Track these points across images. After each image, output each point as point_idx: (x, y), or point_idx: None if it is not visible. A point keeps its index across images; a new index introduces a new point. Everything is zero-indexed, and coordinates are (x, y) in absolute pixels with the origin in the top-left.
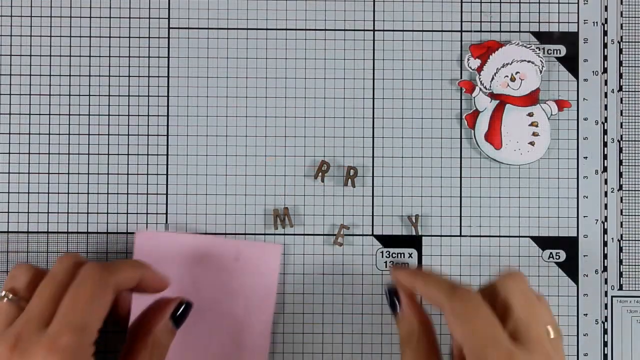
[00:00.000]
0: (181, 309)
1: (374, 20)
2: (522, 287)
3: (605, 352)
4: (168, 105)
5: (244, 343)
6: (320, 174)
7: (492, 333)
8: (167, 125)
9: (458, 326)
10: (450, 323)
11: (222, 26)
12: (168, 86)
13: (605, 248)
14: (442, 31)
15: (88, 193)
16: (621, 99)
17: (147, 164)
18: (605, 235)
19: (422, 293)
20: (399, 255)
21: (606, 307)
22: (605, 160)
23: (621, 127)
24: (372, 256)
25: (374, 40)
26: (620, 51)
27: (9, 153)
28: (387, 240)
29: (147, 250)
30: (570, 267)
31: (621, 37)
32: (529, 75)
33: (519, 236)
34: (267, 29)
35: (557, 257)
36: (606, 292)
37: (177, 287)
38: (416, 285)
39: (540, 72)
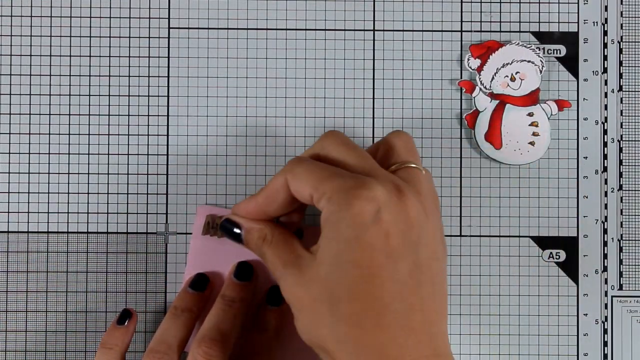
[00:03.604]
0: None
1: (374, 20)
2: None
3: (605, 352)
4: (168, 105)
5: None
6: None
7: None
8: (167, 125)
9: (297, 184)
10: (294, 190)
11: (222, 26)
12: (168, 86)
13: (605, 248)
14: (442, 31)
15: (88, 193)
16: (621, 99)
17: (147, 164)
18: (605, 235)
19: (271, 206)
20: None
21: (606, 307)
22: (605, 160)
23: (621, 127)
24: None
25: (374, 40)
26: (620, 51)
27: (9, 153)
28: None
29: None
30: (570, 267)
31: (621, 37)
32: (529, 75)
33: (519, 236)
34: (267, 29)
35: (557, 257)
36: (606, 292)
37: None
38: (259, 199)
39: (540, 72)
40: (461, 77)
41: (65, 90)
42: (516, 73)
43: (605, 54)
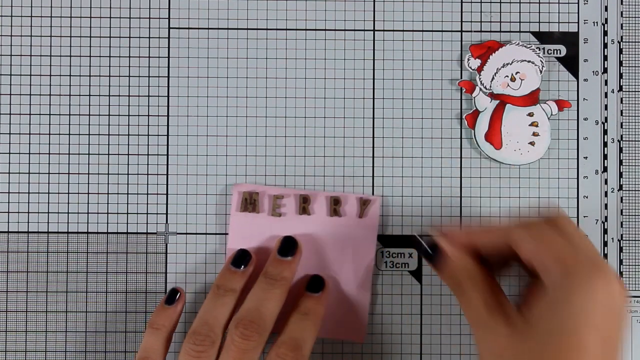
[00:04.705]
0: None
1: (374, 20)
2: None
3: None
4: (168, 105)
5: (350, 287)
6: None
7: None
8: (167, 125)
9: (530, 244)
10: (522, 247)
11: (222, 26)
12: (168, 86)
13: (605, 248)
14: (442, 31)
15: (88, 193)
16: (621, 99)
17: (147, 164)
18: (605, 235)
19: (483, 241)
20: (399, 255)
21: None
22: (605, 160)
23: (621, 127)
24: None
25: (374, 40)
26: (620, 51)
27: (9, 153)
28: (387, 240)
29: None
30: None
31: (621, 37)
32: (529, 75)
33: None
34: (267, 29)
35: None
36: None
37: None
38: (476, 236)
39: (541, 72)
40: (461, 77)
41: (65, 90)
42: (516, 73)
43: (605, 54)
